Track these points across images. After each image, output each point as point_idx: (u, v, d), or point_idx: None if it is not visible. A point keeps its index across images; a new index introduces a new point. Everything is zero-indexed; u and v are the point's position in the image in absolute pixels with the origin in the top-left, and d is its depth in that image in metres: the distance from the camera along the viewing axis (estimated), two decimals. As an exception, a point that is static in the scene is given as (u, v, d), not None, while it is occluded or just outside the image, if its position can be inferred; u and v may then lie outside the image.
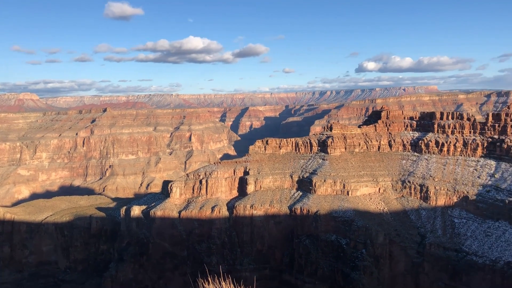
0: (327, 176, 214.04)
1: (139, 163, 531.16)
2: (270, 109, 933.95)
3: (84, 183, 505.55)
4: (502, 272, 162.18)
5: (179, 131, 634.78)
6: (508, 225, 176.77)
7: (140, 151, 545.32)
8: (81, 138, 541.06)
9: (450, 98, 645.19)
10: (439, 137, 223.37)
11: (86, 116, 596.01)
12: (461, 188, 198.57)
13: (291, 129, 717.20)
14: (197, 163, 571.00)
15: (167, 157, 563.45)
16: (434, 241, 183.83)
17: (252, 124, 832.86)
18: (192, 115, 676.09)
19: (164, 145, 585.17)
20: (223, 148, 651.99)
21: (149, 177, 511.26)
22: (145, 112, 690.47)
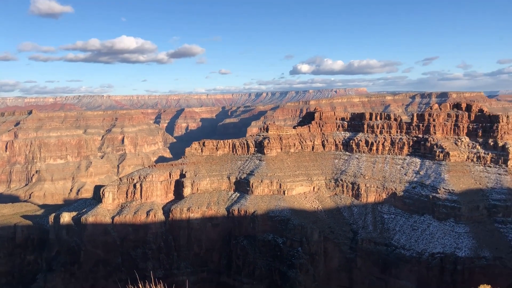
0: (264, 176, 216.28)
1: (68, 167, 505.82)
2: (207, 110, 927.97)
3: (8, 190, 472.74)
4: (427, 263, 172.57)
5: (111, 133, 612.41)
6: (432, 219, 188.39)
7: (69, 155, 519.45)
8: (3, 142, 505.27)
9: (378, 99, 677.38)
10: (368, 137, 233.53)
11: (9, 119, 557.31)
12: (390, 185, 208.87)
13: (228, 130, 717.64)
14: (130, 166, 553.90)
15: (99, 161, 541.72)
16: (365, 237, 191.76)
17: (188, 125, 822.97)
18: (125, 117, 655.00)
19: (95, 149, 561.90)
20: (158, 150, 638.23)
21: (79, 182, 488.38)
22: (75, 114, 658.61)
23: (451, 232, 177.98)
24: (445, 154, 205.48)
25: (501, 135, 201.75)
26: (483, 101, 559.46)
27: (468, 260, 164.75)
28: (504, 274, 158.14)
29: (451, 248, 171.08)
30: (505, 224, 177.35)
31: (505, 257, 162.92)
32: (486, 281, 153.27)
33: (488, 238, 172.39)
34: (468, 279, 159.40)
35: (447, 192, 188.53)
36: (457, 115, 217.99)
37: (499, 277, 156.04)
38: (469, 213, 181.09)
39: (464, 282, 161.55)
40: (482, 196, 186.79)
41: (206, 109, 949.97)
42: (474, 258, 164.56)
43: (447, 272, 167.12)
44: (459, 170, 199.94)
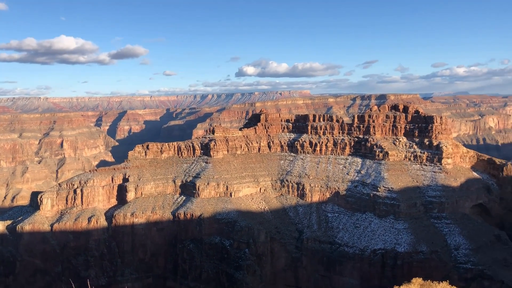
0: (211, 179, 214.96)
1: (2, 173, 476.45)
2: (150, 112, 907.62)
3: None
4: (369, 260, 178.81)
5: (49, 137, 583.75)
6: (374, 216, 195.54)
7: (3, 160, 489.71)
8: None
9: (321, 101, 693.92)
10: (312, 138, 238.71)
11: None
12: (333, 185, 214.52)
13: (172, 133, 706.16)
14: (70, 171, 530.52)
15: (36, 166, 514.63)
16: (310, 236, 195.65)
17: (131, 128, 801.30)
18: (64, 120, 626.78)
19: (31, 153, 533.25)
20: (100, 154, 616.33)
21: (14, 189, 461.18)
22: (8, 117, 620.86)
23: (391, 228, 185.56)
24: (385, 154, 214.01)
25: (436, 135, 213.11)
26: (419, 102, 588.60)
27: (407, 255, 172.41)
28: (440, 267, 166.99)
29: (392, 244, 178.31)
30: (439, 220, 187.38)
31: (440, 250, 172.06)
32: (423, 274, 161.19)
33: (425, 233, 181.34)
34: (407, 273, 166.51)
35: (386, 190, 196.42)
36: (395, 116, 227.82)
37: (435, 270, 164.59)
38: (407, 209, 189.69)
39: (403, 276, 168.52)
40: (419, 193, 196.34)
41: (150, 111, 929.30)
42: (412, 253, 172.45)
43: (388, 267, 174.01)
44: (398, 168, 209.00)
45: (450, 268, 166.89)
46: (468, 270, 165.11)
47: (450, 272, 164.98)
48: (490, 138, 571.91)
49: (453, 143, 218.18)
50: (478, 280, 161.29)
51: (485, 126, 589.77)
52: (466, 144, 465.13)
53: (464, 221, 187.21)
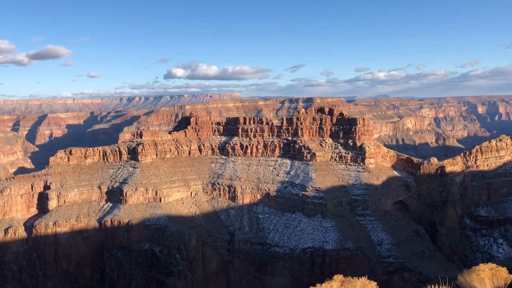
0: (139, 184, 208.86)
1: None
2: (73, 116, 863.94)
3: None
4: (299, 258, 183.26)
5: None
6: (303, 216, 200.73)
7: None
8: None
9: (251, 104, 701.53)
10: (243, 141, 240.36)
11: None
12: (264, 186, 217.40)
13: (97, 137, 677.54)
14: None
15: None
16: (242, 238, 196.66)
17: (52, 133, 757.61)
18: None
19: None
20: (18, 161, 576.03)
21: None
22: None
23: (319, 227, 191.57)
24: (312, 155, 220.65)
25: (359, 136, 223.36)
26: (343, 105, 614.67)
27: (334, 252, 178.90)
28: (365, 262, 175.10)
29: (320, 242, 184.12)
30: (364, 217, 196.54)
31: (365, 246, 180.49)
32: (350, 270, 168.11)
33: (351, 230, 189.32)
34: (335, 270, 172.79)
35: (314, 190, 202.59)
36: (321, 118, 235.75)
37: (360, 265, 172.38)
38: (334, 208, 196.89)
39: (331, 273, 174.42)
40: (345, 192, 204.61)
41: (73, 114, 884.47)
42: (339, 250, 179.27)
43: (317, 265, 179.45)
44: (324, 169, 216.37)
45: (374, 262, 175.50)
46: (390, 263, 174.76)
47: (374, 267, 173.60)
48: (408, 139, 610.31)
49: (375, 143, 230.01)
50: (399, 272, 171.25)
51: (403, 127, 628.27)
52: (387, 144, 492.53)
53: (386, 217, 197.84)
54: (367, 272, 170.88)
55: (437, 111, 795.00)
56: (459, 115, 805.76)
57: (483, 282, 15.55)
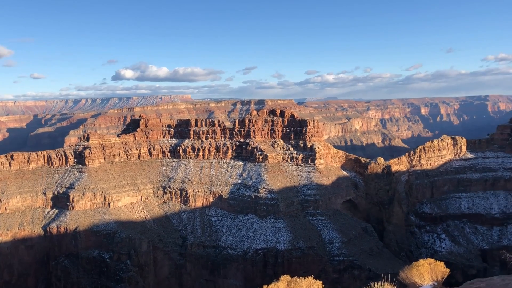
0: (86, 189, 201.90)
1: None
2: (15, 119, 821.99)
3: None
4: (252, 260, 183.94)
5: None
6: (255, 217, 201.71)
7: None
8: None
9: (203, 106, 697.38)
10: (195, 143, 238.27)
11: None
12: (216, 189, 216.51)
13: (41, 141, 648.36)
14: None
15: None
16: (194, 241, 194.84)
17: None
18: None
19: None
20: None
21: None
22: None
23: (271, 228, 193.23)
24: (264, 156, 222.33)
25: (309, 137, 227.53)
26: (294, 107, 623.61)
27: (287, 252, 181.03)
28: (316, 261, 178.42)
29: (272, 243, 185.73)
30: (315, 216, 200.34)
31: (316, 245, 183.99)
32: (302, 269, 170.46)
33: (302, 230, 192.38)
34: (287, 270, 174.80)
35: (267, 191, 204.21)
36: (273, 120, 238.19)
37: (312, 265, 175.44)
38: (286, 209, 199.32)
39: (284, 273, 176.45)
40: (296, 192, 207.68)
41: (14, 117, 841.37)
42: (291, 250, 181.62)
43: (270, 265, 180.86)
44: (277, 170, 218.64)
45: (326, 261, 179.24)
46: (341, 262, 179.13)
47: (325, 265, 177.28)
48: (356, 139, 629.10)
49: (325, 144, 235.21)
50: (349, 270, 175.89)
51: (351, 128, 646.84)
52: (336, 145, 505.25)
53: (336, 216, 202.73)
54: (318, 270, 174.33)
55: (383, 113, 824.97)
56: (403, 116, 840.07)
57: (423, 277, 16.30)
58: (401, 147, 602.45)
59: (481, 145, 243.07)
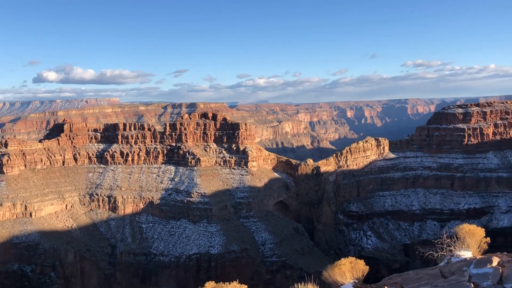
0: (4, 199, 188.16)
1: None
2: None
3: None
4: (184, 266, 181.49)
5: None
6: (188, 222, 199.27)
7: None
8: None
9: (131, 109, 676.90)
10: (123, 148, 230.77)
11: None
12: (147, 194, 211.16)
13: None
14: None
15: None
16: (124, 249, 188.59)
17: None
18: None
19: None
20: None
21: None
22: None
23: (204, 232, 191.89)
24: (197, 160, 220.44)
25: (242, 141, 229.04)
26: (226, 111, 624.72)
27: (220, 256, 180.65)
28: (249, 263, 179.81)
29: (205, 248, 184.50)
30: (248, 219, 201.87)
31: (250, 247, 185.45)
32: (236, 272, 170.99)
33: (235, 233, 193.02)
34: (221, 274, 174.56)
35: (199, 195, 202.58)
36: (205, 124, 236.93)
37: (245, 267, 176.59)
38: (219, 212, 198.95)
39: (217, 278, 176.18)
40: (229, 195, 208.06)
41: None
42: (225, 253, 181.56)
43: (203, 270, 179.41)
44: (209, 174, 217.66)
45: (259, 263, 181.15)
46: (274, 262, 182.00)
47: (258, 267, 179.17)
48: (287, 142, 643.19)
49: (257, 147, 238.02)
50: (282, 270, 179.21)
51: (282, 131, 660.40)
52: (268, 147, 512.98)
53: (269, 218, 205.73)
54: (252, 272, 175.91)
55: (311, 116, 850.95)
56: (331, 119, 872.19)
57: (344, 275, 17.03)
58: (329, 148, 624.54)
59: (402, 145, 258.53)
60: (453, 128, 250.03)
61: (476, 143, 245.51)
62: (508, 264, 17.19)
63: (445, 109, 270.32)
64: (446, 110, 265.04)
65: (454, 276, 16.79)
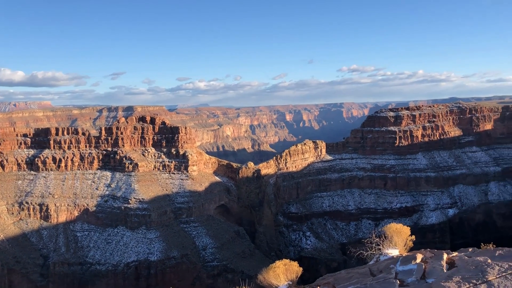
0: None
1: None
2: None
3: None
4: (123, 274, 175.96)
5: None
6: (126, 229, 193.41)
7: None
8: None
9: (64, 113, 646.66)
10: (56, 153, 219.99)
11: None
12: (82, 202, 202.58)
13: None
14: None
15: None
16: (58, 260, 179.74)
17: None
18: None
19: None
20: None
21: None
22: None
23: (143, 239, 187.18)
24: (134, 165, 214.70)
25: (182, 145, 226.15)
26: (165, 114, 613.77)
27: (160, 263, 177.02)
28: (190, 269, 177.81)
29: (144, 255, 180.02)
30: (188, 224, 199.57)
31: (190, 253, 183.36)
32: (176, 278, 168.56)
33: (176, 239, 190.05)
34: (161, 280, 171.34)
35: (137, 201, 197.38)
36: (143, 127, 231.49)
37: (186, 273, 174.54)
38: (158, 218, 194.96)
39: (157, 285, 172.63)
40: (169, 201, 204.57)
41: None
42: (165, 260, 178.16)
43: (143, 278, 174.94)
44: (148, 179, 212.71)
45: (200, 268, 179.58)
46: (215, 267, 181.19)
47: (200, 272, 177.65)
48: (228, 145, 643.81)
49: (197, 151, 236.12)
50: (223, 274, 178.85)
51: (223, 134, 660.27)
52: (209, 151, 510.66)
53: (210, 222, 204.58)
54: (193, 278, 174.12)
55: (252, 119, 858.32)
56: (270, 123, 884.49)
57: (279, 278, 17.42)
58: (269, 151, 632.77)
59: (338, 148, 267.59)
60: (385, 131, 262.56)
61: (406, 145, 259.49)
62: (431, 260, 18.38)
63: (377, 113, 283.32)
64: (379, 114, 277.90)
65: (382, 273, 17.71)
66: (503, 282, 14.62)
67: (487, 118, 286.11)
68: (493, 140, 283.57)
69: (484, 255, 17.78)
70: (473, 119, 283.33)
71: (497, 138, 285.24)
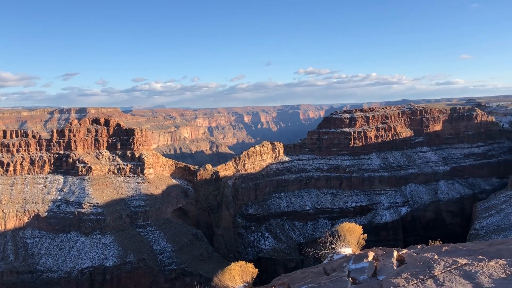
0: None
1: None
2: None
3: None
4: (76, 281, 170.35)
5: None
6: (79, 235, 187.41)
7: None
8: None
9: (13, 115, 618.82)
10: (3, 157, 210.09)
11: None
12: (32, 207, 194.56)
13: None
14: None
15: None
16: (6, 268, 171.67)
17: None
18: None
19: None
20: None
21: None
22: None
23: (98, 244, 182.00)
24: (88, 169, 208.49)
25: (137, 147, 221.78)
26: (120, 116, 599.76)
27: (115, 268, 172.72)
28: (147, 273, 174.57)
29: (99, 260, 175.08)
30: (145, 228, 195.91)
31: (147, 257, 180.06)
32: (133, 283, 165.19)
33: (132, 243, 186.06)
34: (117, 286, 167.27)
35: (91, 206, 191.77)
36: (97, 130, 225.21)
37: (143, 277, 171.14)
38: (113, 223, 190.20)
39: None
40: (124, 205, 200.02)
41: None
42: (120, 265, 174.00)
43: (97, 284, 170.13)
44: (102, 183, 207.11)
45: (157, 272, 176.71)
46: (172, 271, 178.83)
47: (157, 276, 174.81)
48: (185, 147, 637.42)
49: (154, 153, 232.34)
50: (181, 278, 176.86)
51: (180, 136, 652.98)
52: (165, 153, 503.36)
53: (167, 225, 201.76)
54: (150, 282, 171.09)
55: (210, 121, 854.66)
56: (229, 124, 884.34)
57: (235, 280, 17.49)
58: (227, 153, 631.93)
59: (295, 149, 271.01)
60: (340, 132, 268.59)
61: (361, 146, 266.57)
62: (382, 258, 19.02)
63: (333, 114, 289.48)
64: (334, 115, 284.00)
65: (335, 272, 18.15)
66: (448, 277, 15.34)
67: (436, 120, 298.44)
68: (442, 141, 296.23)
69: (431, 252, 18.60)
70: (423, 120, 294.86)
71: (445, 139, 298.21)
